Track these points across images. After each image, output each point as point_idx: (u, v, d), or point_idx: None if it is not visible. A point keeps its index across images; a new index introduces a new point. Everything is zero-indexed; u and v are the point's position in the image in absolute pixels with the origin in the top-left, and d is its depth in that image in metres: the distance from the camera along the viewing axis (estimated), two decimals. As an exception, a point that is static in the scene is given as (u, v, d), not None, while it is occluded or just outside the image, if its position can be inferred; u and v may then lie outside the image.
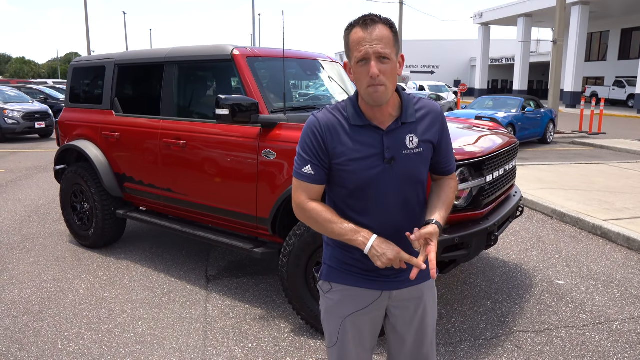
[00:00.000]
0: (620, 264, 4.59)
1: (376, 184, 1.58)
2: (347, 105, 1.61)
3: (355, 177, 1.57)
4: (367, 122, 1.57)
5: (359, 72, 1.51)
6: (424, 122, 1.62)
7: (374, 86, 1.48)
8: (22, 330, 3.32)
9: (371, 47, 1.47)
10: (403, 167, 1.58)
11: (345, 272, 1.67)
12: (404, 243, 1.58)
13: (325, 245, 1.74)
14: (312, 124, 1.59)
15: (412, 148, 1.59)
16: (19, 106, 14.33)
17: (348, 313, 1.67)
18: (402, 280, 1.66)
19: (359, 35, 1.49)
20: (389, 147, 1.57)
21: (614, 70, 33.58)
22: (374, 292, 1.66)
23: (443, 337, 3.25)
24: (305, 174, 1.60)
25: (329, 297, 1.71)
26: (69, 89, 5.17)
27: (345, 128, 1.58)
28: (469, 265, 4.51)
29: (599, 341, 3.21)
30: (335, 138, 1.57)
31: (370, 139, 1.57)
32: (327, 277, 1.71)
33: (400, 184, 1.59)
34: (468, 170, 3.08)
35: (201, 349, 3.10)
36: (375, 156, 1.56)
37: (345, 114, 1.59)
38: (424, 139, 1.61)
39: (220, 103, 3.26)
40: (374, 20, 1.50)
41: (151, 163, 4.18)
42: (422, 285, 1.71)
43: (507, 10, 33.60)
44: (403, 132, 1.58)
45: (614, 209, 6.08)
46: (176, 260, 4.61)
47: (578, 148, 13.19)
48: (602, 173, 8.59)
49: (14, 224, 5.73)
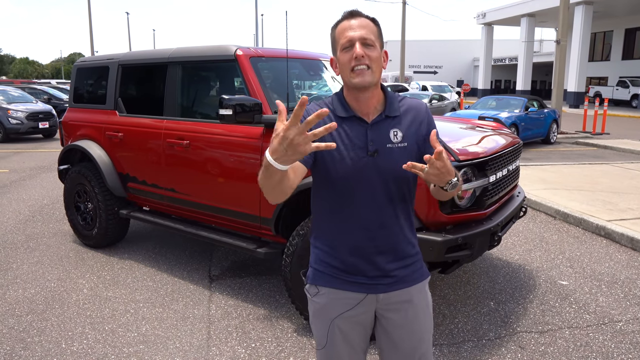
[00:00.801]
0: (624, 264, 4.58)
1: (359, 176, 1.56)
2: (333, 99, 1.63)
3: (338, 168, 1.55)
4: (352, 114, 1.58)
5: (344, 58, 1.52)
6: (408, 117, 1.62)
7: (359, 66, 1.50)
8: (26, 330, 3.33)
9: (355, 33, 1.50)
10: (387, 161, 1.56)
11: (331, 276, 1.65)
12: (390, 239, 1.59)
13: (312, 248, 1.72)
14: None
15: (397, 142, 1.57)
16: (23, 106, 14.38)
17: (335, 315, 1.64)
18: (388, 283, 1.63)
19: (343, 25, 1.54)
20: (372, 140, 1.55)
21: (618, 70, 33.47)
22: (358, 294, 1.63)
23: (446, 338, 3.25)
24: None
25: (316, 300, 1.68)
26: (73, 89, 5.18)
27: (330, 119, 1.58)
28: (472, 265, 4.51)
29: (603, 342, 3.20)
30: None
31: (354, 130, 1.57)
32: (314, 280, 1.69)
33: (384, 178, 1.57)
34: (471, 171, 3.07)
35: (204, 349, 3.11)
36: (359, 148, 1.55)
37: (331, 107, 1.60)
38: (409, 134, 1.60)
39: (224, 103, 3.26)
40: (358, 12, 1.56)
41: (154, 163, 4.19)
42: (412, 289, 1.66)
43: (510, 10, 33.53)
44: (387, 126, 1.58)
45: (617, 210, 6.06)
46: (179, 260, 4.62)
47: (581, 148, 13.16)
48: (605, 173, 8.57)
49: (18, 224, 5.75)
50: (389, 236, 1.60)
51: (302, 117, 1.35)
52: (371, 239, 1.59)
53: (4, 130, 13.82)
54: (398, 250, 1.63)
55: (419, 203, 2.93)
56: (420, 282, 1.69)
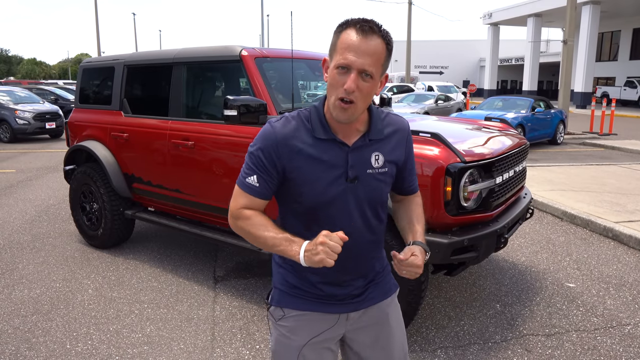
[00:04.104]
0: (632, 266, 4.53)
1: (336, 204, 1.44)
2: (311, 115, 1.45)
3: (313, 195, 1.43)
4: (332, 136, 1.43)
5: (335, 78, 1.35)
6: (392, 141, 1.52)
7: (344, 101, 1.35)
8: (31, 330, 3.34)
9: (357, 59, 1.31)
10: (366, 188, 1.46)
11: (299, 297, 1.51)
12: (363, 263, 1.53)
13: (276, 267, 1.59)
14: (267, 134, 1.43)
15: (377, 167, 1.47)
16: (30, 107, 14.48)
17: (303, 342, 1.51)
18: (359, 301, 1.55)
19: (351, 38, 1.32)
20: (353, 165, 1.44)
21: (625, 71, 33.25)
22: (332, 315, 1.53)
23: (452, 340, 3.23)
24: (249, 185, 1.45)
25: (281, 324, 1.54)
26: (79, 89, 5.20)
27: (306, 141, 1.42)
28: (478, 267, 4.48)
29: (611, 345, 3.16)
30: (294, 152, 1.41)
31: (333, 155, 1.43)
32: (279, 302, 1.54)
33: (361, 205, 1.47)
34: (477, 172, 3.05)
35: (209, 350, 3.10)
36: (338, 174, 1.43)
37: (309, 125, 1.44)
38: (390, 159, 1.50)
39: (229, 104, 3.25)
40: (372, 29, 1.33)
41: (159, 164, 4.19)
42: (382, 304, 1.59)
43: (517, 10, 33.41)
44: (369, 150, 1.46)
45: (625, 211, 6.01)
46: (184, 261, 4.62)
47: (588, 149, 13.06)
48: (613, 174, 8.50)
49: (24, 224, 5.78)
50: (362, 260, 1.53)
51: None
52: (343, 266, 1.48)
53: (11, 131, 13.91)
54: (369, 270, 1.57)
55: (424, 204, 2.90)
56: (390, 296, 1.63)
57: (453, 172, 2.85)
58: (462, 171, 2.89)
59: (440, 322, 3.46)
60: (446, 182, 2.86)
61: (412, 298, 2.99)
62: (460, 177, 2.88)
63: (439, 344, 3.17)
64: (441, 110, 17.59)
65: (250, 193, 1.46)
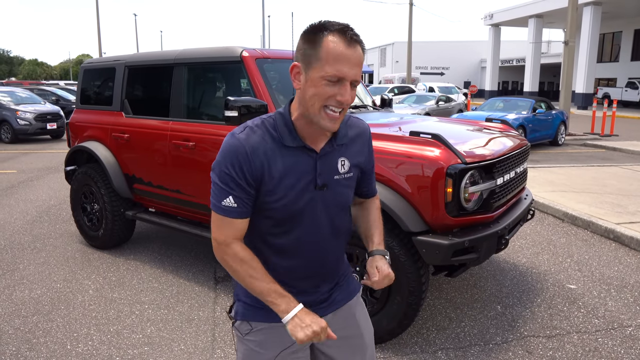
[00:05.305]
0: (633, 268, 4.53)
1: (305, 212, 1.41)
2: (277, 123, 1.39)
3: (283, 206, 1.39)
4: (302, 144, 1.39)
5: (322, 88, 1.30)
6: (356, 144, 1.51)
7: (335, 113, 1.32)
8: (31, 331, 3.34)
9: (350, 70, 1.29)
10: (333, 193, 1.45)
11: (265, 309, 1.42)
12: (329, 268, 1.54)
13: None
14: (234, 148, 1.34)
15: (344, 172, 1.46)
16: (31, 107, 14.50)
17: (274, 354, 1.46)
18: (327, 305, 1.54)
19: (340, 49, 1.28)
20: (321, 172, 1.41)
21: (627, 72, 33.22)
22: None
23: (452, 342, 3.22)
24: (226, 208, 1.36)
25: (250, 339, 1.47)
26: (80, 90, 5.20)
27: (274, 150, 1.37)
28: (479, 268, 4.47)
29: (612, 347, 3.16)
30: (264, 163, 1.35)
31: (302, 162, 1.39)
32: (245, 315, 1.49)
33: (329, 211, 1.46)
34: (478, 173, 3.04)
35: (209, 351, 3.10)
36: (307, 182, 1.40)
37: (275, 134, 1.38)
38: (355, 163, 1.50)
39: (229, 105, 3.25)
40: (354, 39, 1.31)
41: (160, 164, 4.20)
42: (349, 305, 1.60)
43: (518, 11, 33.39)
44: (336, 155, 1.45)
45: (626, 212, 6.00)
46: (185, 262, 4.62)
47: (590, 150, 13.05)
48: (614, 175, 8.49)
49: (25, 224, 5.78)
50: (329, 264, 1.53)
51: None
52: (312, 272, 1.49)
53: (12, 131, 13.93)
54: (335, 274, 1.58)
55: (425, 205, 2.91)
56: (355, 296, 1.64)
57: (454, 173, 2.85)
58: (463, 172, 2.88)
59: (441, 324, 3.46)
60: (447, 183, 2.86)
61: (412, 299, 2.98)
62: (461, 178, 2.88)
63: (439, 345, 3.16)
64: (442, 111, 17.59)
65: (230, 216, 1.37)
